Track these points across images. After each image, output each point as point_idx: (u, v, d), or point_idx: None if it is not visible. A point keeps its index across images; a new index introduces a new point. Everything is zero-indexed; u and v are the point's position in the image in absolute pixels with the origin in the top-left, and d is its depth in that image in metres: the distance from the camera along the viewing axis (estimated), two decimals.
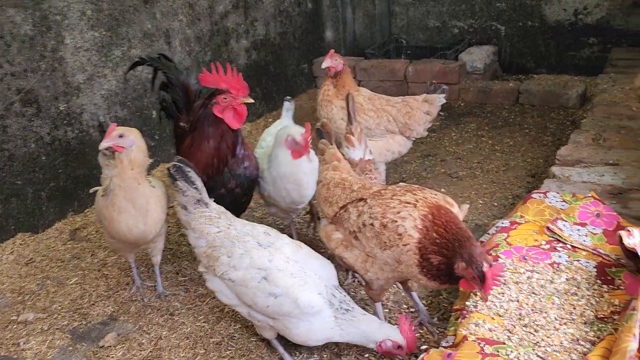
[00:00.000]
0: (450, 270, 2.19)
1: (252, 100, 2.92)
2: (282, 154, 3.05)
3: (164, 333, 2.92)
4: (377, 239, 2.39)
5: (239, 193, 3.05)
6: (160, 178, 4.08)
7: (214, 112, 2.94)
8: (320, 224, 2.83)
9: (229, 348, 2.79)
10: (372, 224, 2.41)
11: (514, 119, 5.28)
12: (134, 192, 2.77)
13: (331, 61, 3.87)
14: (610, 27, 5.76)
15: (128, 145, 2.70)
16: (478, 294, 2.37)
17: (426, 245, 2.24)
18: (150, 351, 2.80)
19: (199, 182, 2.58)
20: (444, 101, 3.88)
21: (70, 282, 3.39)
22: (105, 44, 4.21)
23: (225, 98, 2.91)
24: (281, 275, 2.44)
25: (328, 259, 2.71)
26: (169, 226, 3.84)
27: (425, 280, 2.30)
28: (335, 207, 2.58)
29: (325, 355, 2.69)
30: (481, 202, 3.97)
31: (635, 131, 3.92)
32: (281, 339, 2.65)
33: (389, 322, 2.71)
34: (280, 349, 2.67)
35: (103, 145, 2.70)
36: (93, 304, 3.19)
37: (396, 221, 2.33)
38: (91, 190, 3.17)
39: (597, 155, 3.63)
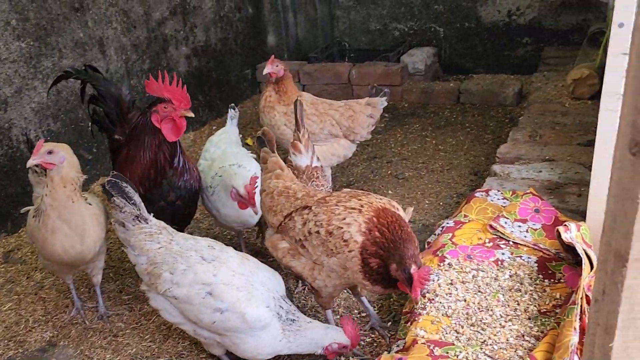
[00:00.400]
0: (388, 273, 2.21)
1: (192, 114, 2.84)
2: (227, 198, 3.01)
3: (108, 356, 2.79)
4: (323, 246, 2.37)
5: (180, 206, 2.96)
6: (98, 193, 3.93)
7: (152, 120, 2.84)
8: (266, 233, 2.78)
9: None
10: (317, 232, 2.38)
11: (456, 118, 5.40)
12: (68, 211, 2.63)
13: (272, 67, 3.83)
14: (542, 27, 5.98)
15: (58, 161, 2.56)
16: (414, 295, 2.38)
17: (367, 247, 2.24)
18: None
19: (136, 197, 2.48)
20: (386, 104, 3.90)
21: (4, 308, 3.19)
22: (33, 55, 4.00)
23: (165, 107, 2.83)
24: (227, 290, 2.38)
25: (276, 269, 2.66)
26: (110, 242, 3.69)
27: (370, 286, 2.30)
28: (280, 216, 2.54)
29: None
30: (427, 202, 4.02)
31: (568, 127, 4.07)
32: (231, 354, 2.58)
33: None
34: None
35: (31, 162, 2.54)
36: (30, 330, 3.01)
37: (342, 227, 2.31)
38: (22, 211, 3.00)
39: (534, 151, 3.75)
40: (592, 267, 2.21)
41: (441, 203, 3.98)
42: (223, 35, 5.94)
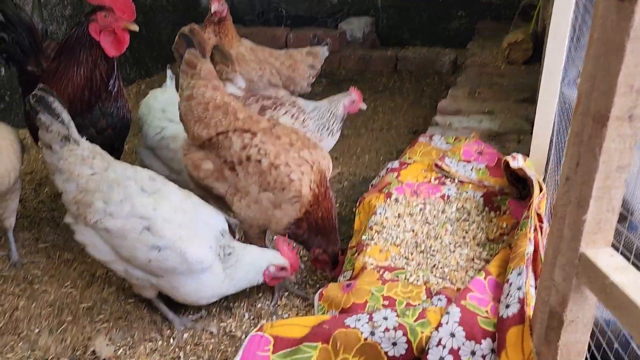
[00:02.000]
0: (306, 243, 2.41)
1: (136, 28, 2.54)
2: None
3: (22, 303, 2.49)
4: (260, 176, 2.25)
5: (111, 135, 2.67)
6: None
7: (90, 31, 2.54)
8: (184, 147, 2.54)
9: (102, 312, 2.44)
10: (259, 160, 2.26)
11: (394, 84, 5.39)
12: None
13: (219, 5, 3.59)
14: (476, 0, 6.10)
15: None
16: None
17: (307, 218, 2.31)
18: (4, 324, 2.37)
19: (65, 115, 2.21)
20: (327, 54, 3.80)
21: None
22: None
23: (106, 16, 2.52)
24: (167, 226, 2.16)
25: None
26: (25, 193, 3.36)
27: (283, 232, 2.40)
28: (212, 130, 2.33)
29: (214, 309, 2.46)
30: (367, 157, 3.96)
31: (505, 87, 4.16)
32: (163, 296, 2.37)
33: None
34: (163, 308, 2.39)
35: None
36: None
37: (291, 167, 2.24)
38: None
39: (474, 106, 3.78)
40: (540, 190, 2.21)
41: (381, 158, 3.93)
42: None
